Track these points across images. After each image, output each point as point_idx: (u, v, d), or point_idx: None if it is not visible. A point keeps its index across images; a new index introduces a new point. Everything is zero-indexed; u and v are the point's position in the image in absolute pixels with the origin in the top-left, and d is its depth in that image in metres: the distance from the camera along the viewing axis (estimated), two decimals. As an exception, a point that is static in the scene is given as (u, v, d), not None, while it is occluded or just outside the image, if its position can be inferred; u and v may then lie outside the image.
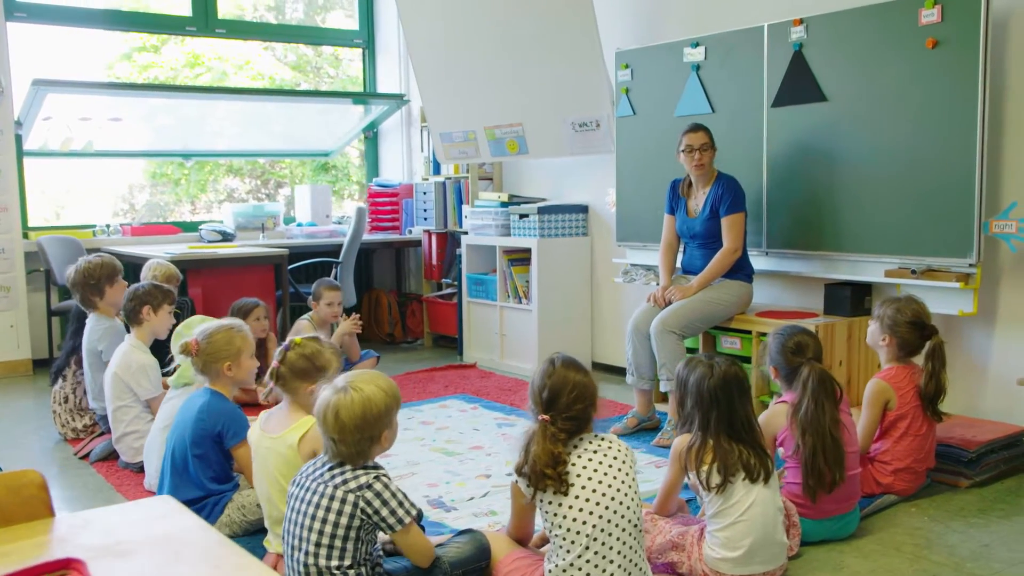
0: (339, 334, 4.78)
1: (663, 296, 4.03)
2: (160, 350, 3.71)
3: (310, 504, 2.18)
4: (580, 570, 2.16)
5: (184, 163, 6.96)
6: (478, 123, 5.58)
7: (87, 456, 3.77)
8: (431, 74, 5.73)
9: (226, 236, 5.99)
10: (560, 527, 2.18)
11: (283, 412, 2.65)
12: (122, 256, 5.03)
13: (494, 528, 2.77)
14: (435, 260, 6.42)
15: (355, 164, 7.59)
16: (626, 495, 2.21)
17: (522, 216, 5.36)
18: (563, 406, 2.22)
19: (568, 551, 2.17)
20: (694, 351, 4.14)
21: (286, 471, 2.51)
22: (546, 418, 2.22)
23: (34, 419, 4.46)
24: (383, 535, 2.25)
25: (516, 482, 2.27)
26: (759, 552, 2.42)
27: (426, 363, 5.73)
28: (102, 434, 3.86)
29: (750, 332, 3.98)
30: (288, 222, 6.72)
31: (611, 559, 2.17)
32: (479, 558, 2.38)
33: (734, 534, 2.41)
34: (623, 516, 2.19)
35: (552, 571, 2.20)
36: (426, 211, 6.44)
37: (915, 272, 3.66)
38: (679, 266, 4.29)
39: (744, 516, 2.40)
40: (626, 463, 2.25)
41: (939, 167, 3.58)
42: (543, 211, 5.28)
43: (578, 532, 2.16)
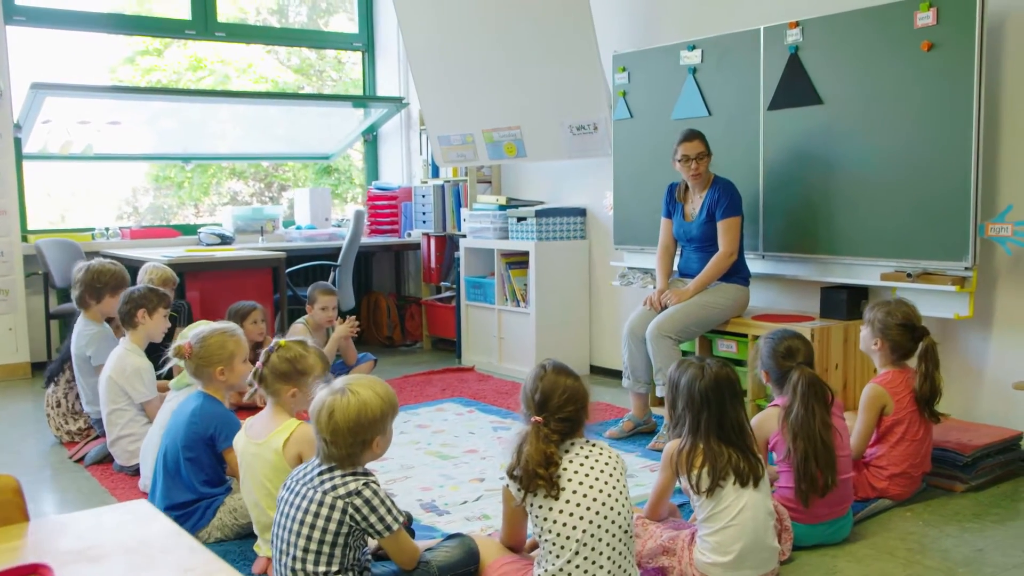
0: (335, 338, 4.78)
1: (659, 300, 4.03)
2: (155, 353, 3.70)
3: (299, 509, 2.18)
4: (569, 575, 2.15)
5: (183, 166, 6.97)
6: (476, 126, 5.57)
7: (82, 459, 3.78)
8: (429, 77, 5.73)
9: (225, 239, 6.00)
10: (550, 532, 2.18)
11: (267, 416, 2.65)
12: (121, 259, 5.03)
13: (486, 532, 2.76)
14: (434, 263, 6.42)
15: (358, 167, 7.59)
16: (616, 500, 2.21)
17: (520, 219, 5.36)
18: (555, 408, 2.23)
19: (558, 556, 2.17)
20: (690, 355, 4.13)
21: (273, 476, 2.51)
22: (539, 419, 2.22)
23: (31, 422, 4.47)
24: (372, 541, 2.25)
25: (507, 486, 2.27)
26: (749, 556, 2.41)
27: (424, 366, 5.73)
28: (97, 437, 3.87)
29: (747, 336, 3.97)
30: (288, 225, 6.73)
31: (600, 564, 2.17)
32: (468, 562, 2.38)
33: (724, 538, 2.40)
34: (613, 521, 2.19)
35: (541, 576, 2.20)
36: (425, 214, 6.44)
37: (911, 275, 3.64)
38: (676, 269, 4.28)
39: (735, 520, 2.39)
40: (617, 469, 2.26)
41: (935, 170, 3.56)
42: (541, 214, 5.27)
43: (568, 537, 2.16)
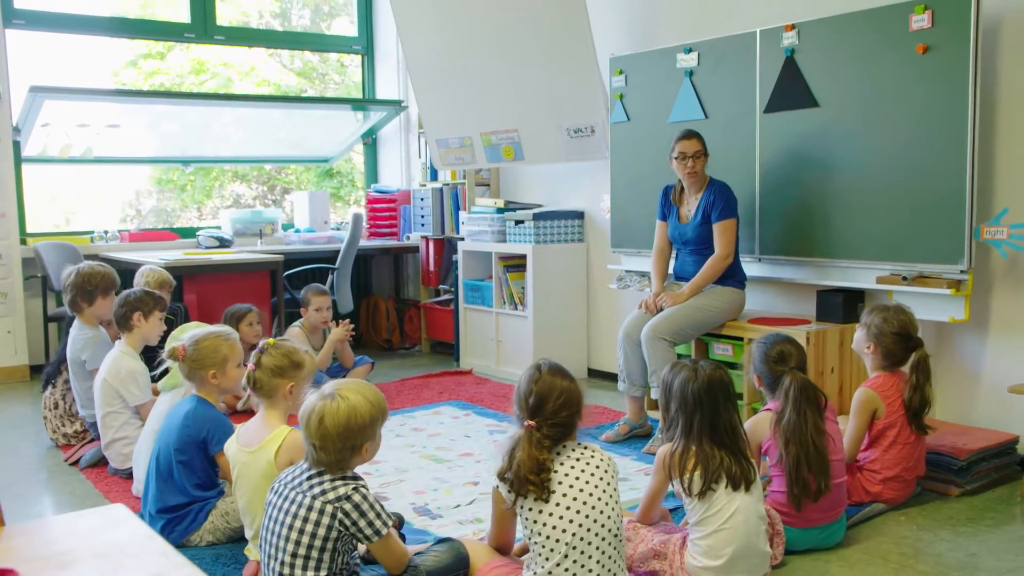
0: (331, 341, 4.78)
1: (654, 303, 4.02)
2: (151, 356, 3.71)
3: (287, 513, 2.17)
4: (558, 579, 2.15)
5: (183, 169, 6.98)
6: (474, 129, 5.58)
7: (77, 462, 3.78)
8: (428, 80, 5.74)
9: (223, 242, 6.00)
10: (540, 534, 2.17)
11: (258, 423, 2.64)
12: (119, 262, 5.05)
13: (479, 535, 2.76)
14: (432, 266, 6.42)
15: (360, 170, 7.59)
16: (607, 504, 2.20)
17: (518, 222, 5.36)
18: (549, 412, 2.21)
19: (547, 559, 2.17)
20: (685, 358, 4.12)
21: (265, 485, 2.48)
22: (532, 424, 2.21)
23: (29, 425, 4.47)
24: (361, 545, 2.24)
25: (497, 487, 2.26)
26: (741, 561, 2.40)
27: (422, 369, 5.73)
28: (92, 440, 3.87)
29: (742, 339, 3.96)
30: (287, 228, 6.73)
31: (589, 568, 2.17)
32: (457, 567, 2.37)
33: (716, 542, 2.39)
34: (603, 525, 2.19)
35: (530, 579, 2.20)
36: (423, 217, 6.44)
37: (906, 279, 3.63)
38: (671, 272, 4.27)
39: (726, 524, 2.39)
40: (608, 472, 2.25)
41: (930, 172, 3.55)
42: (538, 217, 5.27)
43: (557, 540, 2.16)
